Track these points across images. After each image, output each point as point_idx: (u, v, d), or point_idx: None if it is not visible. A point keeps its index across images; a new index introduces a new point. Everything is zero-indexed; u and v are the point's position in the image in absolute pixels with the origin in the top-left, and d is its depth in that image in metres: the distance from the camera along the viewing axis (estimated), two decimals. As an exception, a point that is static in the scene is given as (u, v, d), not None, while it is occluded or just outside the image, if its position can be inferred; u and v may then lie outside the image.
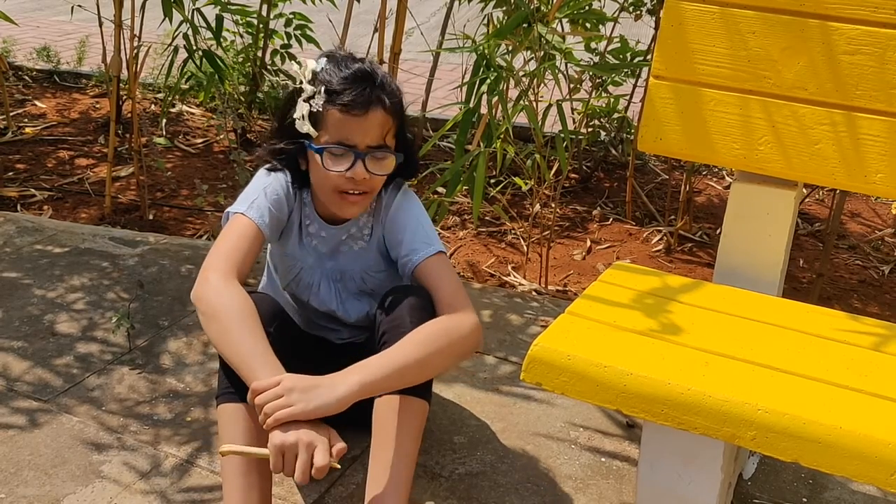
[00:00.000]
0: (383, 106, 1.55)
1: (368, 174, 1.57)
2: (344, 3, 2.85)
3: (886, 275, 2.86)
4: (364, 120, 1.54)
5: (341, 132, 1.55)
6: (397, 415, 1.54)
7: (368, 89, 1.54)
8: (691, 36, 1.68)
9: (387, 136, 1.58)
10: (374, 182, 1.59)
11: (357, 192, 1.59)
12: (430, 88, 3.51)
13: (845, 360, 1.40)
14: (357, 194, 1.59)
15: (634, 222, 3.15)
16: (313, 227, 1.72)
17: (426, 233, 1.66)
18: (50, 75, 4.50)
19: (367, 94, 1.53)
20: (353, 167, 1.55)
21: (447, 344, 1.51)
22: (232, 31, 3.66)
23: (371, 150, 1.56)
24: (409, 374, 1.48)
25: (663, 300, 1.56)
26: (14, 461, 1.76)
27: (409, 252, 1.65)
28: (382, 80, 1.57)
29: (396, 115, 1.59)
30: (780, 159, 1.65)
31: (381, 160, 1.58)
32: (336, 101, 1.53)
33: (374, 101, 1.54)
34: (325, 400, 1.38)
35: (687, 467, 1.47)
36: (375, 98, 1.54)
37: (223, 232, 1.59)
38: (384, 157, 1.58)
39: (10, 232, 2.75)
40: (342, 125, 1.54)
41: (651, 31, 2.98)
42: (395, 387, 1.48)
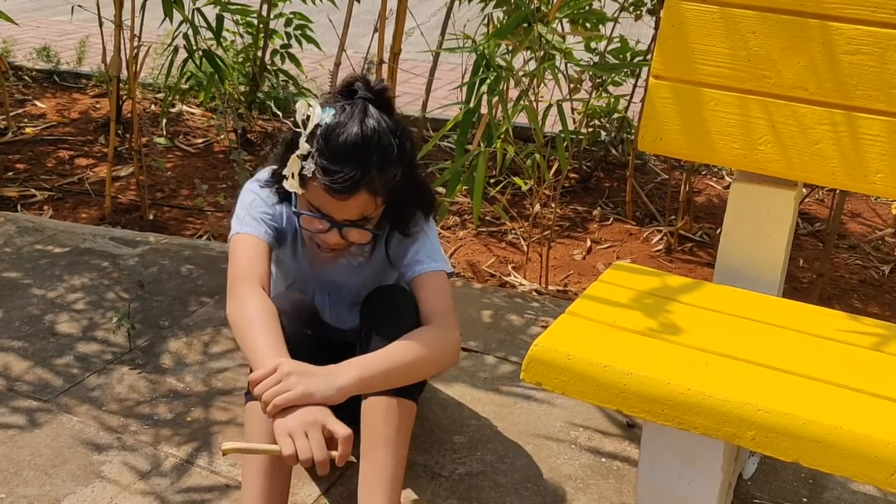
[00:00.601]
0: (369, 189, 1.50)
1: (344, 241, 1.59)
2: (344, 3, 2.85)
3: (886, 275, 2.86)
4: (345, 202, 1.51)
5: (321, 203, 1.53)
6: (387, 416, 1.54)
7: (355, 173, 1.47)
8: (691, 36, 1.68)
9: (368, 212, 1.55)
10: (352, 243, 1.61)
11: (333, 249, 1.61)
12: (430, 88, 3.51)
13: (845, 360, 1.40)
14: (332, 251, 1.62)
15: (634, 222, 3.15)
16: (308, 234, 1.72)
17: (433, 249, 1.66)
18: (50, 75, 4.50)
19: (351, 179, 1.47)
20: (329, 232, 1.56)
21: (434, 354, 1.54)
22: (232, 31, 3.66)
23: (348, 224, 1.55)
24: (396, 376, 1.51)
25: (663, 300, 1.56)
26: (14, 461, 1.76)
27: (411, 262, 1.65)
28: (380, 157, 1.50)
29: (387, 190, 1.54)
30: (780, 159, 1.65)
31: (358, 232, 1.58)
32: (322, 178, 1.49)
33: (358, 187, 1.49)
34: (325, 387, 1.40)
35: (687, 467, 1.47)
36: (361, 182, 1.48)
37: (230, 257, 1.62)
38: (362, 231, 1.57)
39: (10, 232, 2.75)
40: (322, 199, 1.52)
41: (651, 31, 2.98)
42: (384, 386, 1.50)
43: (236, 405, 1.96)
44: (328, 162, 1.48)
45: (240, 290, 1.54)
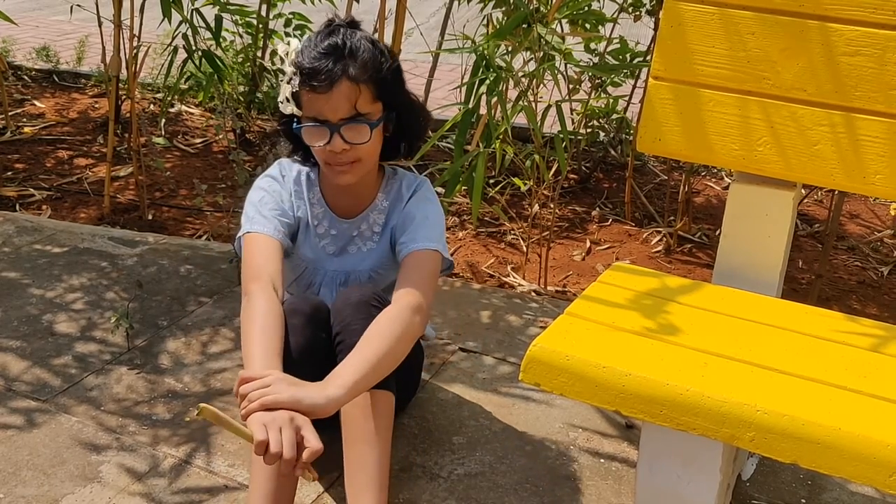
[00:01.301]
0: (349, 77, 1.56)
1: (348, 144, 1.60)
2: (343, 3, 2.84)
3: (885, 276, 2.86)
4: (330, 97, 1.56)
5: (313, 109, 1.59)
6: (364, 410, 1.55)
7: (332, 65, 1.55)
8: (690, 37, 1.68)
9: (359, 104, 1.58)
10: (360, 151, 1.61)
11: (344, 162, 1.62)
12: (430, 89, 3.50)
13: (844, 361, 1.40)
14: (346, 163, 1.62)
15: (633, 223, 3.15)
16: (322, 226, 1.76)
17: (432, 230, 1.68)
18: (49, 75, 4.50)
19: (329, 71, 1.55)
20: (331, 141, 1.59)
21: (403, 330, 1.52)
22: (231, 31, 3.66)
23: (344, 122, 1.58)
24: (383, 367, 1.49)
25: (662, 301, 1.56)
26: (13, 461, 1.76)
27: (407, 240, 1.67)
28: (353, 49, 1.58)
29: (369, 80, 1.58)
30: (778, 160, 1.65)
31: (357, 129, 1.59)
32: (305, 81, 1.57)
33: (338, 76, 1.55)
34: (314, 398, 1.38)
35: (686, 468, 1.47)
36: (339, 72, 1.55)
37: (243, 256, 1.65)
38: (359, 126, 1.59)
39: (8, 232, 2.75)
40: (312, 103, 1.59)
41: (650, 31, 2.98)
42: (374, 382, 1.49)
43: (235, 405, 1.96)
44: (308, 65, 1.57)
45: (249, 289, 1.57)
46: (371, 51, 1.60)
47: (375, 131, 1.62)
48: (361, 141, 1.60)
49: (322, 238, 1.76)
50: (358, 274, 1.77)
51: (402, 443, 1.85)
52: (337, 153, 1.61)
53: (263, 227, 1.65)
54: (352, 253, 1.77)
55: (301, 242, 1.76)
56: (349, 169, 1.64)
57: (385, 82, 1.61)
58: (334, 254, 1.77)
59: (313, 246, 1.77)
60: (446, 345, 2.23)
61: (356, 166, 1.64)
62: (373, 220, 1.76)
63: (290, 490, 1.55)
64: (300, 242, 1.76)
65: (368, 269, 1.77)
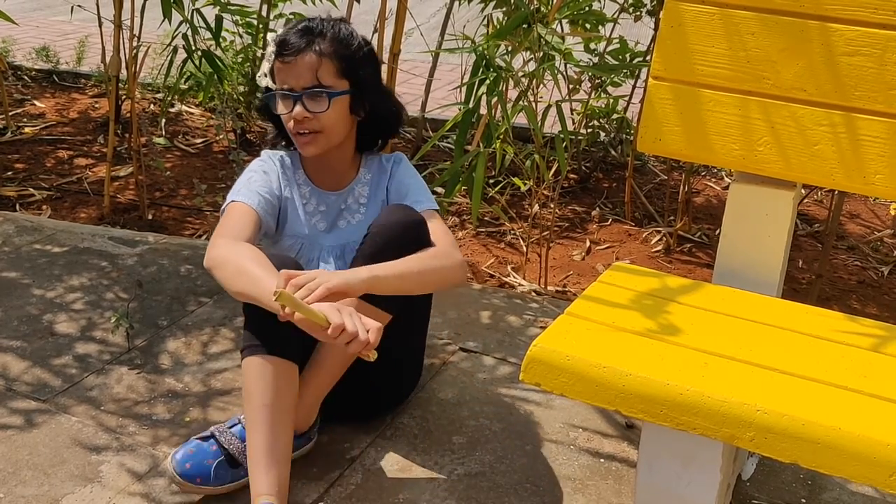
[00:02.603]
0: (315, 49, 1.70)
1: (310, 113, 1.72)
2: (344, 3, 2.85)
3: (885, 276, 2.86)
4: (294, 64, 1.70)
5: (280, 78, 1.74)
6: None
7: (301, 37, 1.70)
8: (690, 37, 1.68)
9: (321, 75, 1.71)
10: (321, 121, 1.73)
11: (307, 131, 1.73)
12: (430, 89, 3.51)
13: (844, 361, 1.40)
14: (308, 133, 1.74)
15: (633, 223, 3.15)
16: (311, 204, 1.85)
17: (427, 193, 1.84)
18: (49, 75, 4.50)
19: (298, 42, 1.70)
20: (293, 108, 1.72)
21: (441, 266, 1.67)
22: (231, 32, 3.66)
23: (306, 91, 1.71)
24: (409, 281, 1.63)
25: (662, 301, 1.56)
26: (13, 461, 1.76)
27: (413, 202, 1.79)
28: (323, 29, 1.73)
29: (335, 55, 1.72)
30: (779, 160, 1.65)
31: (317, 99, 1.72)
32: (278, 53, 1.72)
33: (305, 46, 1.70)
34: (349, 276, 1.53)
35: (686, 468, 1.47)
36: (306, 43, 1.70)
37: (221, 220, 1.72)
38: (319, 96, 1.71)
39: (9, 231, 2.75)
40: (280, 72, 1.73)
41: (650, 31, 2.98)
42: (396, 290, 1.62)
43: (235, 405, 1.96)
44: (281, 40, 1.72)
45: (217, 242, 1.63)
46: (343, 32, 1.75)
47: (336, 102, 1.73)
48: (320, 109, 1.72)
49: (312, 216, 1.85)
50: (352, 245, 1.82)
51: (403, 443, 1.85)
52: (299, 121, 1.72)
53: (246, 198, 1.74)
54: (342, 227, 1.86)
55: (293, 221, 1.85)
56: (312, 139, 1.75)
57: (351, 59, 1.74)
58: (325, 230, 1.85)
59: (304, 223, 1.85)
60: (446, 345, 2.23)
61: (319, 137, 1.75)
62: (358, 192, 1.86)
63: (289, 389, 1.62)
64: (292, 221, 1.84)
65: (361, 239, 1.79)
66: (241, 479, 1.67)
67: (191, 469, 1.65)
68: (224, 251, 1.59)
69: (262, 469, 1.56)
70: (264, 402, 1.58)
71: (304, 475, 1.74)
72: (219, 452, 1.68)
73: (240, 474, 1.68)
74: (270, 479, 1.56)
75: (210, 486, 1.65)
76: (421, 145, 3.43)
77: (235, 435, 1.70)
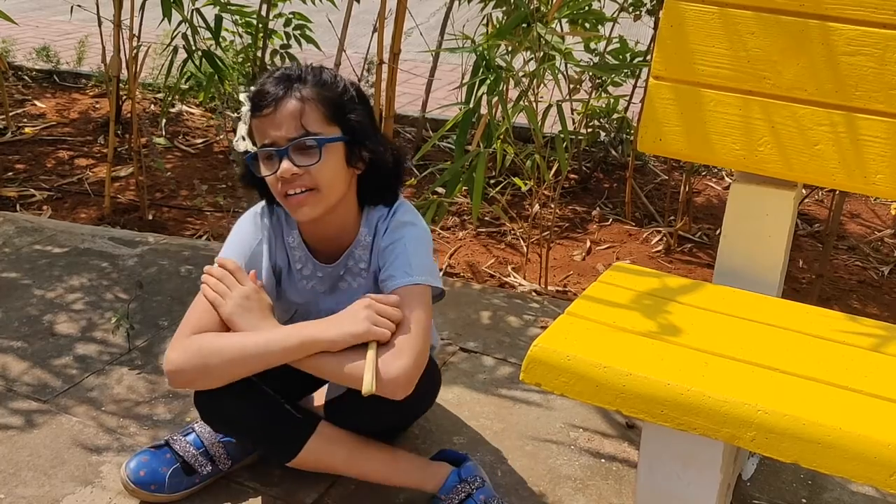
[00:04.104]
0: (296, 96, 1.49)
1: (298, 168, 1.50)
2: (344, 3, 2.85)
3: (886, 275, 2.86)
4: (275, 116, 1.49)
5: (260, 134, 1.52)
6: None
7: (278, 86, 1.50)
8: (691, 36, 1.68)
9: (306, 122, 1.49)
10: (314, 177, 1.51)
11: (298, 190, 1.51)
12: (430, 89, 3.51)
13: (845, 360, 1.40)
14: (300, 193, 1.51)
15: (634, 223, 3.15)
16: (307, 269, 1.68)
17: (409, 262, 1.57)
18: (49, 75, 4.50)
19: (275, 90, 1.49)
20: (280, 165, 1.49)
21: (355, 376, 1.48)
22: (231, 31, 3.66)
23: (291, 143, 1.49)
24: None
25: (663, 301, 1.56)
26: (13, 461, 1.76)
27: (386, 277, 1.58)
28: (302, 74, 1.53)
29: (319, 99, 1.51)
30: (779, 160, 1.65)
31: (305, 150, 1.50)
32: (254, 108, 1.51)
33: (284, 95, 1.49)
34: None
35: (686, 468, 1.47)
36: (284, 91, 1.49)
37: (197, 299, 1.60)
38: (308, 146, 1.50)
39: (9, 232, 2.75)
40: (260, 129, 1.52)
41: (650, 31, 2.98)
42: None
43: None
44: (256, 94, 1.52)
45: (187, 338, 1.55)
46: (325, 75, 1.55)
47: (328, 151, 1.51)
48: (311, 162, 1.49)
49: (309, 280, 1.69)
50: None
51: (403, 443, 1.85)
52: (288, 180, 1.50)
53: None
54: (343, 290, 1.69)
55: (286, 288, 1.70)
56: (306, 199, 1.52)
57: (339, 102, 1.53)
58: (325, 292, 1.70)
59: (301, 290, 1.69)
60: (447, 345, 2.23)
61: (314, 196, 1.52)
62: (358, 255, 1.66)
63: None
64: (286, 288, 1.70)
65: None
66: (194, 486, 1.68)
67: (145, 476, 1.65)
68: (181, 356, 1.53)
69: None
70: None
71: (304, 475, 1.74)
72: (173, 460, 1.67)
73: (194, 481, 1.68)
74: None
75: (164, 493, 1.65)
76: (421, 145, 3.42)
77: (190, 443, 1.69)
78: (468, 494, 1.61)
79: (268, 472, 1.74)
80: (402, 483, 1.67)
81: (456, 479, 1.63)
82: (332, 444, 1.63)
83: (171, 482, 1.65)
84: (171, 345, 1.56)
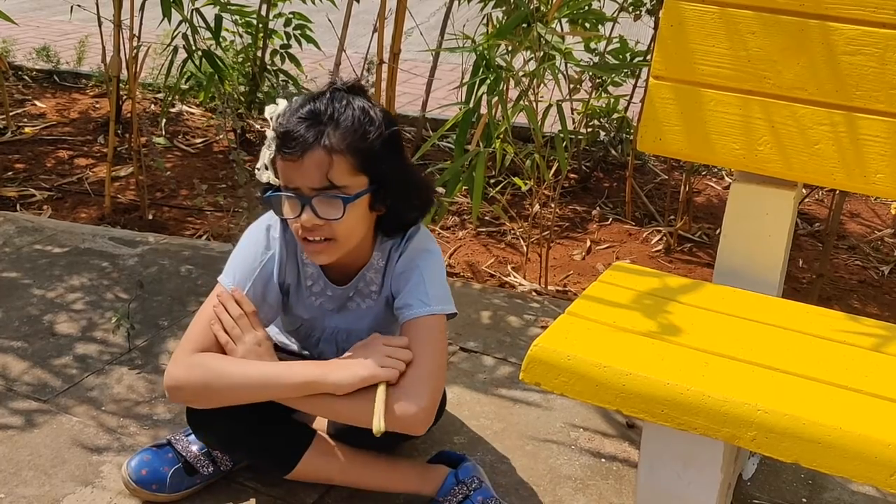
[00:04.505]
0: (325, 144, 1.43)
1: (320, 220, 1.47)
2: (344, 2, 2.84)
3: (886, 275, 2.86)
4: (301, 164, 1.44)
5: (284, 177, 1.48)
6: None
7: (306, 130, 1.43)
8: (691, 36, 1.68)
9: (333, 176, 1.44)
10: (334, 229, 1.48)
11: (318, 238, 1.49)
12: (430, 88, 3.51)
13: (845, 360, 1.40)
14: (319, 241, 1.49)
15: (634, 222, 3.15)
16: (317, 286, 1.66)
17: (426, 291, 1.55)
18: (49, 75, 4.50)
19: (303, 137, 1.43)
20: (301, 213, 1.47)
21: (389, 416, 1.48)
22: (231, 31, 3.66)
23: (316, 194, 1.45)
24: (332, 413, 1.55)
25: (663, 300, 1.56)
26: (13, 461, 1.76)
27: (402, 306, 1.56)
28: (334, 115, 1.45)
29: (348, 149, 1.44)
30: (779, 160, 1.65)
31: (329, 203, 1.46)
32: (279, 147, 1.46)
33: (312, 143, 1.43)
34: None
35: (686, 468, 1.47)
36: (312, 138, 1.43)
37: (203, 308, 1.59)
38: (332, 200, 1.46)
39: (9, 232, 2.75)
40: (285, 171, 1.47)
41: (651, 31, 2.98)
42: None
43: (236, 405, 1.96)
44: (282, 131, 1.45)
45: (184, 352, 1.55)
46: (357, 118, 1.46)
47: (353, 207, 1.47)
48: (334, 217, 1.46)
49: (318, 297, 1.67)
50: (359, 332, 1.64)
51: (403, 443, 1.85)
52: (308, 228, 1.47)
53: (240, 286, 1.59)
54: (351, 309, 1.68)
55: (294, 303, 1.68)
56: (324, 248, 1.50)
57: (369, 152, 1.46)
58: (334, 310, 1.68)
59: (308, 306, 1.68)
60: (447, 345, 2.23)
61: (331, 245, 1.50)
62: (369, 278, 1.64)
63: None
64: (293, 303, 1.68)
65: (367, 327, 1.67)
66: (194, 486, 1.68)
67: (147, 476, 1.65)
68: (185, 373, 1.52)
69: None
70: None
71: (304, 475, 1.74)
72: (175, 460, 1.67)
73: (195, 482, 1.68)
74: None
75: (165, 493, 1.65)
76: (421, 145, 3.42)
77: (192, 443, 1.69)
78: (465, 496, 1.61)
79: (268, 473, 1.74)
80: (401, 489, 1.67)
81: (453, 482, 1.63)
82: (328, 455, 1.63)
83: (172, 482, 1.65)
84: (174, 358, 1.55)
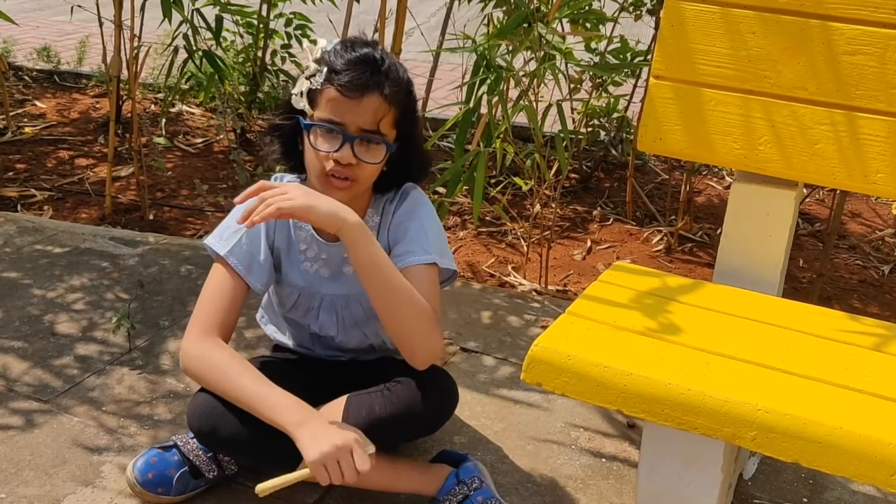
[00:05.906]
0: (381, 92, 1.50)
1: (356, 159, 1.52)
2: (344, 3, 2.84)
3: (886, 275, 2.86)
4: (358, 103, 1.50)
5: (334, 111, 1.51)
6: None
7: (369, 73, 1.50)
8: (691, 36, 1.68)
9: (381, 123, 1.52)
10: (362, 170, 1.54)
11: (343, 176, 1.53)
12: (430, 88, 3.50)
13: (845, 360, 1.40)
14: (342, 179, 1.53)
15: (634, 222, 3.15)
16: (311, 250, 1.67)
17: (427, 240, 1.60)
18: (50, 75, 4.50)
19: (365, 78, 1.49)
20: (341, 149, 1.51)
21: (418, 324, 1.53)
22: (232, 31, 3.66)
23: (362, 134, 1.51)
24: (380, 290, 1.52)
25: (663, 300, 1.56)
26: (14, 461, 1.76)
27: (402, 252, 1.59)
28: (389, 67, 1.53)
29: (398, 103, 1.54)
30: (780, 159, 1.65)
31: (370, 147, 1.53)
32: (335, 80, 1.50)
33: (372, 86, 1.50)
34: (329, 209, 1.46)
35: (687, 468, 1.47)
36: (374, 83, 1.50)
37: (206, 285, 1.62)
38: (374, 144, 1.53)
39: (10, 232, 2.75)
40: (336, 104, 1.51)
41: (651, 31, 2.98)
42: (367, 279, 1.51)
43: (236, 405, 1.96)
44: (342, 66, 1.50)
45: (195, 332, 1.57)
46: (405, 77, 1.57)
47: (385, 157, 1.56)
48: (372, 160, 1.53)
49: (313, 262, 1.67)
50: (358, 297, 1.66)
51: (404, 443, 1.85)
52: (342, 165, 1.52)
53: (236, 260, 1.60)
54: (348, 274, 1.67)
55: (287, 269, 1.68)
56: (346, 186, 1.54)
57: (409, 112, 1.58)
58: (329, 277, 1.68)
59: (303, 272, 1.68)
60: (447, 345, 2.23)
61: (352, 185, 1.55)
62: None
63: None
64: (286, 270, 1.68)
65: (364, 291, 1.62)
66: (197, 490, 1.68)
67: (153, 479, 1.64)
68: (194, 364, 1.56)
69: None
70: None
71: (305, 475, 1.74)
72: (181, 463, 1.66)
73: (199, 485, 1.67)
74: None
75: (170, 496, 1.65)
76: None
77: (198, 445, 1.68)
78: (465, 496, 1.61)
79: (269, 473, 1.74)
80: (403, 490, 1.67)
81: (454, 481, 1.63)
82: None
83: (177, 485, 1.65)
84: (188, 333, 1.58)
